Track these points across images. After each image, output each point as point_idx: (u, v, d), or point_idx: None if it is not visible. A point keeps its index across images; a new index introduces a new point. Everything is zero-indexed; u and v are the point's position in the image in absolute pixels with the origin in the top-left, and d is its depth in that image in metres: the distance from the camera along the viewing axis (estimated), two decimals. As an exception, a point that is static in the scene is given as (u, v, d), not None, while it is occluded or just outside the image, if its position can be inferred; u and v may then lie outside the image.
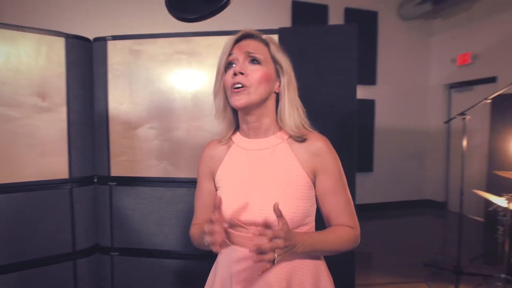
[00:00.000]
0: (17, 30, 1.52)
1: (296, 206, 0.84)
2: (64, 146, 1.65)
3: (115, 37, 1.69)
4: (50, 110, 1.61)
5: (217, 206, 0.80)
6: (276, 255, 0.71)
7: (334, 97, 1.52)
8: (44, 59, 1.58)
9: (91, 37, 1.75)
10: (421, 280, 3.09)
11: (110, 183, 1.73)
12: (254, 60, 0.85)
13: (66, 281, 1.68)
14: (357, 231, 0.89)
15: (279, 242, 0.71)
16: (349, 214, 0.89)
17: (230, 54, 0.86)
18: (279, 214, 0.73)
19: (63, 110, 1.64)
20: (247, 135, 0.92)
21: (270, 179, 0.87)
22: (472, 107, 3.18)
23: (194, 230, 0.98)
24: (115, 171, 1.72)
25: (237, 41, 0.88)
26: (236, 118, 0.94)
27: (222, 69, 0.88)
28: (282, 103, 0.89)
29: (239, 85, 0.83)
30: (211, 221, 0.76)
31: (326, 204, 0.89)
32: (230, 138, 0.95)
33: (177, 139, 1.68)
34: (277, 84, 0.89)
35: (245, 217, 0.86)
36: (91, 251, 1.77)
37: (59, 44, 1.61)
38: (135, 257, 1.73)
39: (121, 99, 1.70)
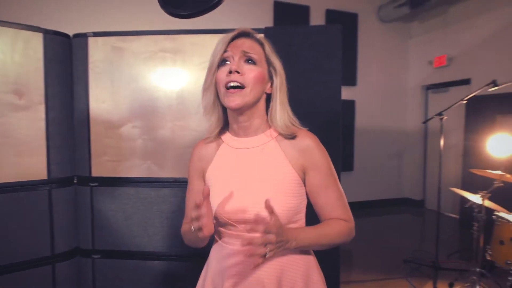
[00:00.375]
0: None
1: (285, 203, 0.85)
2: (43, 146, 1.58)
3: (97, 34, 1.64)
4: (28, 109, 1.54)
5: (205, 195, 0.79)
6: (267, 249, 0.71)
7: (319, 97, 1.54)
8: (20, 55, 1.51)
9: (71, 33, 1.70)
10: (402, 276, 3.17)
11: (91, 184, 1.68)
12: (250, 60, 0.85)
13: (44, 286, 1.62)
14: (352, 223, 0.90)
15: (270, 237, 0.71)
16: (342, 207, 0.89)
17: (225, 51, 0.85)
18: (270, 210, 0.73)
19: (41, 108, 1.58)
20: (236, 134, 0.92)
21: (260, 177, 0.87)
22: (449, 107, 3.28)
23: (184, 228, 0.97)
24: (97, 172, 1.67)
25: (232, 39, 0.87)
26: (225, 116, 0.94)
27: (215, 65, 0.86)
28: (274, 104, 0.90)
29: (235, 84, 0.82)
30: (197, 206, 0.75)
31: (318, 200, 0.89)
32: (219, 136, 0.95)
33: (162, 139, 1.65)
34: (269, 85, 0.90)
35: (236, 215, 0.85)
36: (71, 254, 1.71)
37: (37, 39, 1.55)
38: (118, 260, 1.69)
39: (103, 98, 1.65)
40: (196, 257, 1.68)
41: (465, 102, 3.16)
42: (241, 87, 0.83)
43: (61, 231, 1.66)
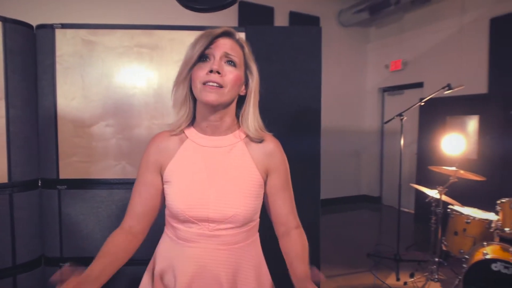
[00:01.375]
0: None
1: (248, 204, 0.87)
2: (3, 146, 1.44)
3: (65, 26, 1.52)
4: (-15, 105, 1.40)
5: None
6: None
7: (300, 96, 1.56)
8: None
9: (35, 24, 1.56)
10: (366, 270, 3.31)
11: (58, 187, 1.55)
12: (230, 62, 0.85)
13: (5, 300, 1.47)
14: (301, 228, 0.97)
15: None
16: (294, 212, 0.98)
17: (206, 48, 0.83)
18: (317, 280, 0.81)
19: (1, 105, 1.43)
20: (203, 132, 0.91)
21: (226, 176, 0.88)
22: (408, 109, 3.48)
23: (110, 242, 0.93)
24: (66, 173, 1.55)
25: (216, 37, 0.85)
26: (194, 111, 0.92)
27: (193, 60, 0.84)
28: (247, 106, 0.91)
29: (214, 84, 0.82)
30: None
31: (275, 200, 0.94)
32: (183, 132, 0.93)
33: (138, 138, 1.57)
34: (243, 87, 0.90)
35: (198, 213, 0.85)
36: (36, 264, 1.58)
37: (-4, 29, 1.41)
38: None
39: (72, 94, 1.54)
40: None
41: (422, 104, 3.36)
42: (219, 86, 0.82)
43: (24, 239, 1.52)
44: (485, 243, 2.66)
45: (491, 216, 2.91)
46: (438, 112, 4.69)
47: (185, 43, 1.53)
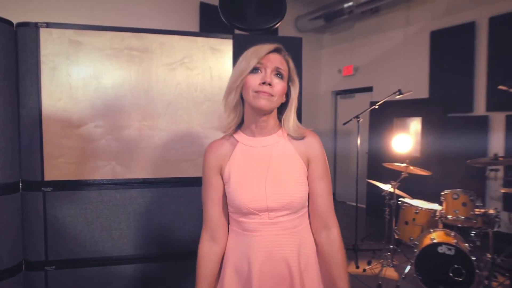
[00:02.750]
0: None
1: (301, 190, 1.00)
2: (-16, 148, 1.39)
3: (50, 25, 1.50)
4: (-34, 105, 1.34)
5: None
6: None
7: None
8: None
9: (15, 21, 1.51)
10: (329, 261, 3.55)
11: (44, 189, 1.52)
12: (279, 74, 0.97)
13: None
14: (337, 227, 1.08)
15: None
16: (332, 209, 1.08)
17: (259, 62, 0.95)
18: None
19: (-16, 104, 1.38)
20: (252, 134, 1.02)
21: (277, 169, 0.99)
22: (363, 112, 3.80)
23: (200, 253, 1.05)
24: (52, 175, 1.52)
25: (268, 52, 0.97)
26: (242, 115, 1.03)
27: (248, 71, 0.95)
28: (288, 112, 1.03)
29: (266, 94, 0.94)
30: None
31: (313, 188, 1.04)
32: (233, 136, 1.04)
33: (127, 139, 1.59)
34: (284, 96, 1.02)
35: (258, 205, 0.96)
36: (19, 268, 1.52)
37: (-23, 25, 1.35)
38: (77, 269, 1.57)
39: (58, 95, 1.52)
40: (163, 257, 1.68)
41: (377, 107, 3.69)
42: (270, 95, 0.94)
43: (7, 244, 1.47)
44: (431, 230, 3.03)
45: (435, 206, 3.30)
46: (386, 115, 5.13)
47: (175, 47, 1.60)
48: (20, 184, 1.54)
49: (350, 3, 5.30)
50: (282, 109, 1.04)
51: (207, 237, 1.05)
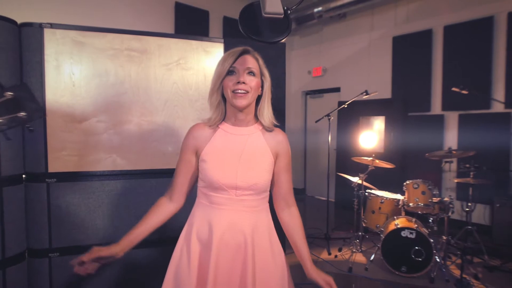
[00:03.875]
0: None
1: (265, 176, 1.20)
2: (-8, 141, 1.46)
3: (54, 26, 1.59)
4: (-23, 100, 1.41)
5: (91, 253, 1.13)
6: None
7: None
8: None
9: (18, 21, 1.59)
10: (304, 249, 3.80)
11: (48, 180, 1.61)
12: (251, 73, 1.16)
13: (-5, 293, 1.49)
14: (296, 206, 1.32)
15: None
16: (292, 190, 1.31)
17: (232, 64, 1.14)
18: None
19: (-8, 100, 1.45)
20: (233, 124, 1.22)
21: (249, 156, 1.19)
22: (333, 110, 4.08)
23: (158, 205, 1.25)
24: (55, 167, 1.61)
25: (239, 55, 1.16)
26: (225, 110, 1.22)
27: (224, 74, 1.14)
28: (263, 104, 1.23)
29: (242, 91, 1.13)
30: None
31: (279, 178, 1.27)
32: (217, 125, 1.22)
33: (128, 133, 1.71)
34: (260, 89, 1.21)
35: (229, 182, 1.14)
36: (23, 256, 1.60)
37: (-14, 25, 1.43)
38: (80, 255, 1.67)
39: (62, 92, 1.61)
40: (162, 242, 1.81)
41: (346, 106, 3.99)
42: (245, 92, 1.13)
43: (12, 233, 1.55)
44: (395, 217, 3.36)
45: (398, 196, 3.64)
46: (353, 113, 5.47)
47: (171, 49, 1.75)
48: (24, 176, 1.62)
49: (320, 8, 5.61)
50: (258, 100, 1.23)
51: (167, 197, 1.24)
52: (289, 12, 1.05)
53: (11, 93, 0.65)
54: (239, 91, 1.12)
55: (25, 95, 0.66)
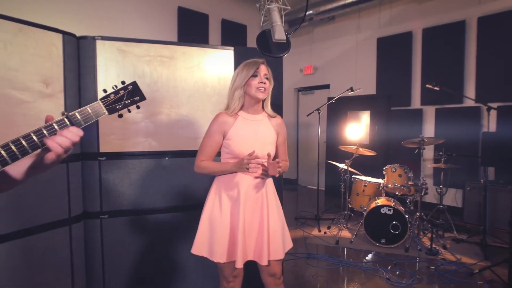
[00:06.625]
0: (17, 22, 1.73)
1: (273, 148, 1.73)
2: (60, 127, 1.91)
3: (104, 38, 2.04)
4: (52, 96, 1.86)
5: (252, 154, 1.56)
6: (279, 169, 1.57)
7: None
8: (47, 52, 1.82)
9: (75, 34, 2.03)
10: (297, 227, 4.31)
11: (99, 158, 2.07)
12: (266, 77, 1.67)
13: (64, 244, 1.95)
14: (288, 162, 1.85)
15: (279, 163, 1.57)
16: (286, 156, 1.85)
17: (255, 70, 1.64)
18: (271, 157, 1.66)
19: (61, 96, 1.90)
20: (249, 112, 1.72)
21: (262, 134, 1.71)
22: (323, 105, 4.57)
23: (207, 164, 1.71)
24: (105, 148, 2.07)
25: (259, 65, 1.67)
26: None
27: (249, 76, 1.65)
28: (267, 99, 1.76)
29: (262, 88, 1.63)
30: (255, 157, 1.54)
31: (279, 149, 1.81)
32: (236, 113, 1.71)
33: (160, 121, 2.18)
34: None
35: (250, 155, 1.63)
36: (81, 217, 2.07)
37: (58, 39, 1.87)
38: (123, 217, 2.13)
39: (109, 90, 2.06)
40: (185, 208, 2.29)
41: (334, 101, 4.48)
42: (264, 89, 1.64)
43: (74, 198, 2.01)
44: (376, 198, 3.87)
45: (379, 180, 4.16)
46: (341, 108, 5.98)
47: (193, 55, 2.22)
48: (81, 156, 2.08)
49: (310, 12, 6.09)
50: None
51: (199, 159, 1.72)
52: (289, 36, 1.54)
53: (131, 86, 1.10)
54: (261, 88, 1.64)
55: (136, 87, 1.10)
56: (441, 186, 4.06)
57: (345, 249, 3.68)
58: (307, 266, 3.24)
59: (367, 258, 3.48)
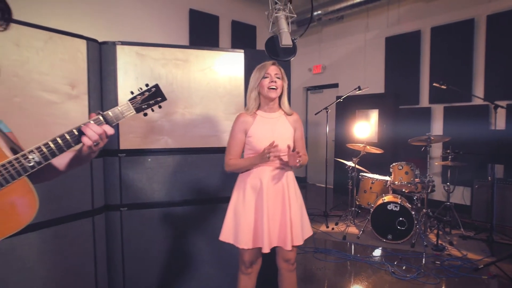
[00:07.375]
0: (48, 31, 1.90)
1: (291, 142, 1.85)
2: (84, 126, 2.07)
3: (124, 43, 2.19)
4: (77, 97, 2.02)
5: (272, 144, 1.68)
6: (298, 160, 1.68)
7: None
8: (73, 57, 1.99)
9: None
10: (306, 223, 4.43)
11: (120, 155, 2.23)
12: (278, 77, 1.79)
13: (87, 234, 2.12)
14: (306, 156, 1.96)
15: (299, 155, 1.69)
16: (305, 149, 1.95)
17: (266, 71, 1.78)
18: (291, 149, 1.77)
19: (85, 97, 2.06)
20: (265, 111, 1.85)
21: (280, 130, 1.84)
22: (331, 104, 4.67)
23: (235, 161, 1.85)
24: (125, 145, 2.22)
25: (270, 66, 1.80)
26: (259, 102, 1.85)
27: (261, 77, 1.78)
28: (284, 97, 1.88)
29: (273, 87, 1.76)
30: (275, 146, 1.66)
31: (297, 143, 1.93)
32: (255, 112, 1.84)
33: (175, 120, 2.32)
34: (282, 87, 1.84)
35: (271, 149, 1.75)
36: (103, 209, 2.23)
37: (82, 45, 2.04)
38: (141, 210, 2.29)
39: (129, 90, 2.22)
40: (200, 201, 2.43)
41: (341, 100, 4.57)
42: (275, 89, 1.75)
43: (97, 191, 2.17)
44: (383, 195, 3.96)
45: (387, 178, 4.24)
46: (350, 107, 6.06)
47: (205, 58, 2.36)
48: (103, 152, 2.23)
49: (319, 12, 6.18)
50: (281, 96, 1.88)
51: (229, 158, 1.88)
52: (295, 40, 1.67)
53: (154, 88, 1.25)
54: (272, 87, 1.78)
55: (158, 89, 1.24)
56: (448, 183, 4.12)
57: (352, 244, 3.78)
58: (314, 260, 3.36)
59: (373, 253, 3.57)
